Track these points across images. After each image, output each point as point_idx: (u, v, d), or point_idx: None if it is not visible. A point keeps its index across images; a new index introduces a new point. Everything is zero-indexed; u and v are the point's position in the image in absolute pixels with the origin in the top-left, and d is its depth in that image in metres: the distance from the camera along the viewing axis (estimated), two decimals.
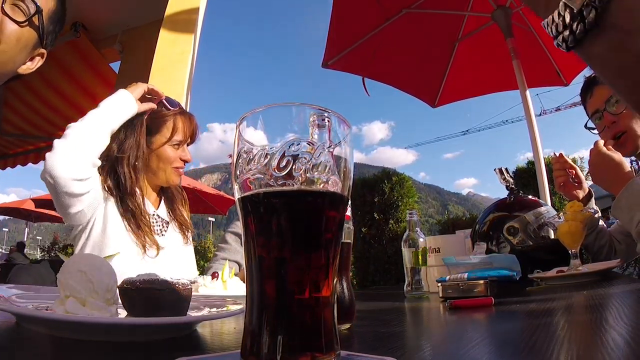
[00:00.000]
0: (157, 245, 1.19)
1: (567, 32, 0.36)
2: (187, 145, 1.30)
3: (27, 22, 0.78)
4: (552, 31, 0.38)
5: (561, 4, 0.37)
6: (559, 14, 0.37)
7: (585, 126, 1.42)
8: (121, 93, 1.16)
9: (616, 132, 1.31)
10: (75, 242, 1.18)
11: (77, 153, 1.04)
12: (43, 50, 0.88)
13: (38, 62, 0.88)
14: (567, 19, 0.36)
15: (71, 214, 1.11)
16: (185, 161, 1.27)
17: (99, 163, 1.10)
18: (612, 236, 1.37)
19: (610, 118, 1.31)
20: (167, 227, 1.29)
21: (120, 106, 1.14)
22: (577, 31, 0.36)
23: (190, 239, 1.37)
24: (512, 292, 0.91)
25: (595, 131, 1.41)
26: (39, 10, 0.79)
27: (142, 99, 1.22)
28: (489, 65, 3.33)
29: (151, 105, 1.23)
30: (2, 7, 0.74)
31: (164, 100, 1.26)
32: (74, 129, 1.06)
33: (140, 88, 1.20)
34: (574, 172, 1.42)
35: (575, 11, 0.35)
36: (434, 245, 1.17)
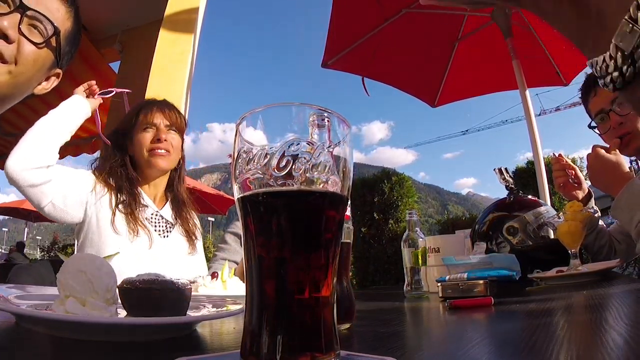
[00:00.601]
0: (150, 235, 1.21)
1: (616, 74, 0.35)
2: (181, 135, 1.31)
3: (44, 44, 0.76)
4: (598, 71, 0.37)
5: (612, 45, 0.35)
6: (611, 56, 0.35)
7: (589, 126, 1.39)
8: (72, 97, 1.25)
9: (622, 133, 1.28)
10: (77, 238, 1.22)
11: (25, 147, 1.09)
12: (59, 71, 0.86)
13: (54, 82, 0.86)
14: (619, 61, 0.35)
15: (45, 209, 1.13)
16: (159, 139, 1.25)
17: (55, 156, 1.13)
18: (612, 236, 1.37)
19: (618, 119, 1.28)
20: (171, 229, 1.29)
21: (69, 105, 1.21)
22: (627, 74, 0.34)
23: (198, 248, 1.36)
24: (511, 292, 0.91)
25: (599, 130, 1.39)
26: (56, 32, 0.77)
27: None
28: (488, 65, 3.32)
29: (98, 99, 1.31)
30: (19, 28, 0.71)
31: (97, 96, 1.32)
32: (25, 134, 1.12)
33: (82, 87, 1.29)
34: (573, 172, 1.41)
35: (626, 53, 0.34)
36: (434, 245, 1.17)
